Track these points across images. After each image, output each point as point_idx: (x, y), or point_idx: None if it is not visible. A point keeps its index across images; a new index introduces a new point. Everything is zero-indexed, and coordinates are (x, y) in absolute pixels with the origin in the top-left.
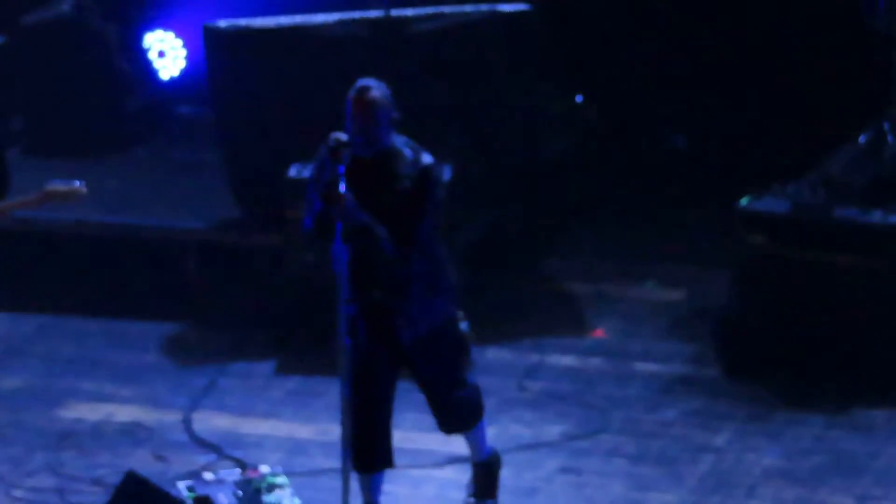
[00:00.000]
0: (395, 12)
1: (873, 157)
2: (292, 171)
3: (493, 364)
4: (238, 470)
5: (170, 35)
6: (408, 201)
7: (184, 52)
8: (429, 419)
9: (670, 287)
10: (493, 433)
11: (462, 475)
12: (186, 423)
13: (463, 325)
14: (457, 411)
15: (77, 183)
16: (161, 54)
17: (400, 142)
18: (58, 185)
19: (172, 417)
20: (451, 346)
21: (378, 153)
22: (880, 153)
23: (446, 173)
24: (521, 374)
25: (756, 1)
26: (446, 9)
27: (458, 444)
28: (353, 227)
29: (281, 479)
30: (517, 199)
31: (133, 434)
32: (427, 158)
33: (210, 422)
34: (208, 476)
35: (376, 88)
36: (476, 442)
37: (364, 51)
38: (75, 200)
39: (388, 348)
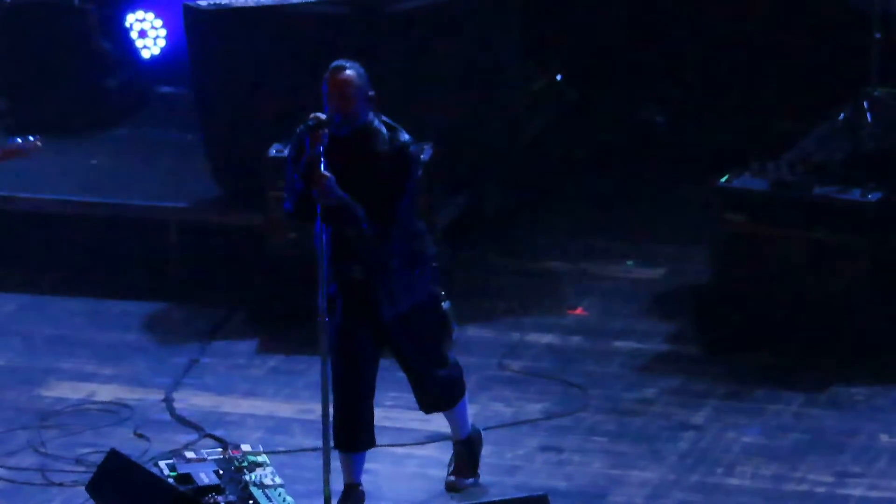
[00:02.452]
0: None
1: (852, 136)
2: (273, 151)
3: (473, 342)
4: (219, 449)
5: (150, 14)
6: (386, 180)
7: (164, 32)
8: (410, 397)
9: (650, 265)
10: (474, 411)
11: (443, 453)
12: (168, 402)
13: (444, 304)
14: (438, 390)
15: (32, 138)
16: (142, 34)
17: (377, 121)
18: (14, 144)
19: (154, 396)
20: (432, 325)
21: (355, 132)
22: (859, 131)
23: (427, 152)
24: (501, 352)
25: None
26: None
27: (439, 423)
28: (332, 206)
29: (262, 458)
30: (497, 177)
31: (115, 413)
32: (404, 137)
33: (191, 401)
34: (190, 455)
35: (351, 67)
36: (457, 420)
37: (345, 29)
38: (32, 155)
39: (370, 326)
